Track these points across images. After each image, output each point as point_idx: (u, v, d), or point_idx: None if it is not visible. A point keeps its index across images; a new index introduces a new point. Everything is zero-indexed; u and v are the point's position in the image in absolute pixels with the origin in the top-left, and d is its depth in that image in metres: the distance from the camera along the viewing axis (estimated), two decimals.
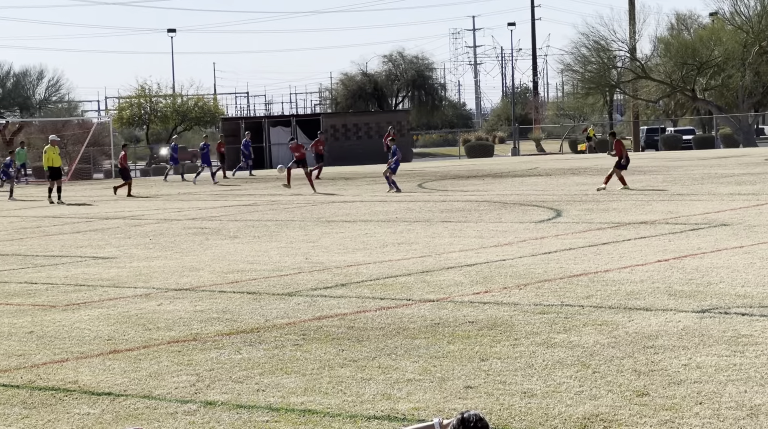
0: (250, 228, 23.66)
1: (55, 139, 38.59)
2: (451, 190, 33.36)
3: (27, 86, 76.16)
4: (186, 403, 8.99)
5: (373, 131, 64.60)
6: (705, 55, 69.63)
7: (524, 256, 16.98)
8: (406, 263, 16.68)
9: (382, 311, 12.68)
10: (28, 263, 18.86)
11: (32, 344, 11.66)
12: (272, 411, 8.67)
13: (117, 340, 11.67)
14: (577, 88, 79.63)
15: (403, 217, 24.72)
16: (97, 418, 8.70)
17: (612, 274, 14.76)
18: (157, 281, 15.92)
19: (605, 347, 10.37)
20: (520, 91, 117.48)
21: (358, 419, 8.36)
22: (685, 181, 32.52)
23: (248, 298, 13.99)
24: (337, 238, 20.74)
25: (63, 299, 14.56)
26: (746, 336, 10.63)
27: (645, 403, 8.45)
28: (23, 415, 8.87)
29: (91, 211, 31.11)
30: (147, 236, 22.88)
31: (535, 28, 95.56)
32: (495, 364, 9.88)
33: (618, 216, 22.70)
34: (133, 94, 73.57)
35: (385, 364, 10.06)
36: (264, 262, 17.51)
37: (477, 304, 12.86)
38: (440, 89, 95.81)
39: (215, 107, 77.62)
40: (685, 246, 17.36)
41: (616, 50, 73.15)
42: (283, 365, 10.18)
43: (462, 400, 8.73)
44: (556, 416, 8.21)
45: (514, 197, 29.09)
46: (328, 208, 28.35)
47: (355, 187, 36.72)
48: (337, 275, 15.70)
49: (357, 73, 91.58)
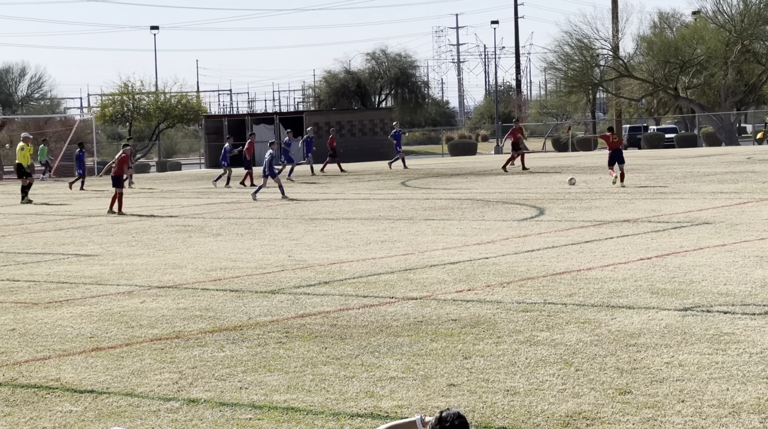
0: (233, 225, 23.62)
1: (27, 136, 38.15)
2: (434, 188, 33.38)
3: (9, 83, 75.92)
4: (169, 401, 8.98)
5: (357, 129, 64.57)
6: (687, 53, 69.81)
7: (507, 254, 17.01)
8: (389, 261, 16.68)
9: (365, 309, 12.68)
10: (10, 260, 18.79)
11: (14, 342, 11.63)
12: (255, 409, 8.67)
13: (99, 338, 11.64)
14: (560, 87, 79.69)
15: (386, 214, 24.72)
16: (80, 416, 8.67)
17: (595, 272, 14.80)
18: (139, 279, 15.89)
19: (588, 345, 10.39)
20: (503, 89, 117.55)
21: (341, 417, 8.36)
22: (667, 179, 32.61)
23: (231, 296, 13.97)
24: (320, 236, 20.73)
25: (45, 296, 14.51)
26: (728, 334, 10.67)
27: (627, 401, 8.47)
28: (5, 413, 8.84)
29: (73, 209, 31.01)
30: (130, 234, 22.82)
31: (518, 26, 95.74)
32: (478, 362, 9.89)
33: (601, 214, 22.76)
34: (116, 91, 73.34)
35: (368, 362, 10.07)
36: (247, 260, 17.48)
37: (460, 302, 12.87)
38: (423, 87, 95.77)
39: (198, 105, 77.35)
40: (667, 244, 17.41)
41: (599, 48, 73.29)
42: (266, 363, 10.17)
43: (445, 398, 8.74)
44: (539, 414, 8.23)
45: (497, 195, 29.13)
46: (311, 205, 28.33)
47: (338, 185, 36.70)
48: (320, 273, 15.70)
49: (340, 71, 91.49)
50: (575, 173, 37.61)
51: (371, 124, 65.40)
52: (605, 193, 28.46)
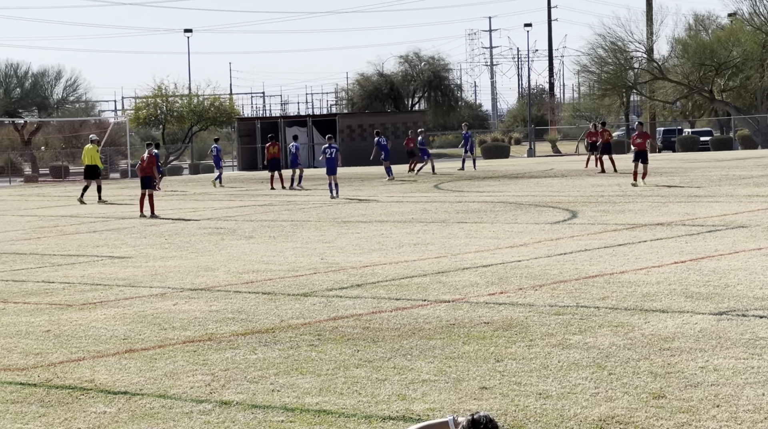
0: (265, 228, 23.68)
1: (94, 137, 38.55)
2: (466, 191, 33.32)
3: (45, 86, 76.40)
4: (201, 403, 9.00)
5: (389, 132, 64.56)
6: (723, 55, 69.37)
7: (540, 257, 16.95)
8: (422, 264, 16.66)
9: (398, 312, 12.67)
10: (45, 262, 18.91)
11: (49, 343, 11.70)
12: (287, 411, 8.68)
13: (133, 340, 11.69)
14: (594, 89, 79.36)
15: (419, 217, 24.70)
16: (113, 417, 8.71)
17: (628, 275, 14.72)
18: (172, 281, 15.95)
19: (621, 349, 10.33)
20: (536, 92, 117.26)
21: (373, 420, 8.35)
22: (702, 182, 32.42)
23: (263, 299, 14.00)
24: (352, 239, 20.74)
25: (79, 298, 14.59)
26: (764, 338, 10.58)
27: (661, 406, 8.42)
28: (40, 414, 8.90)
29: (107, 211, 31.18)
30: (163, 236, 22.92)
31: (551, 29, 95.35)
32: (510, 365, 9.86)
33: (634, 217, 22.64)
34: (149, 93, 73.72)
35: (400, 365, 10.05)
36: (279, 263, 17.51)
37: (492, 305, 12.84)
38: (456, 90, 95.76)
39: (231, 107, 77.63)
40: (702, 248, 17.29)
41: (633, 51, 72.96)
42: (298, 365, 10.18)
43: (477, 401, 8.72)
44: (572, 418, 8.19)
45: (530, 198, 29.04)
46: (343, 208, 28.35)
47: (371, 188, 36.71)
48: (353, 276, 15.70)
49: (373, 74, 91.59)
50: (608, 177, 37.46)
51: (404, 126, 65.34)
52: (638, 196, 28.32)
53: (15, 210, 33.46)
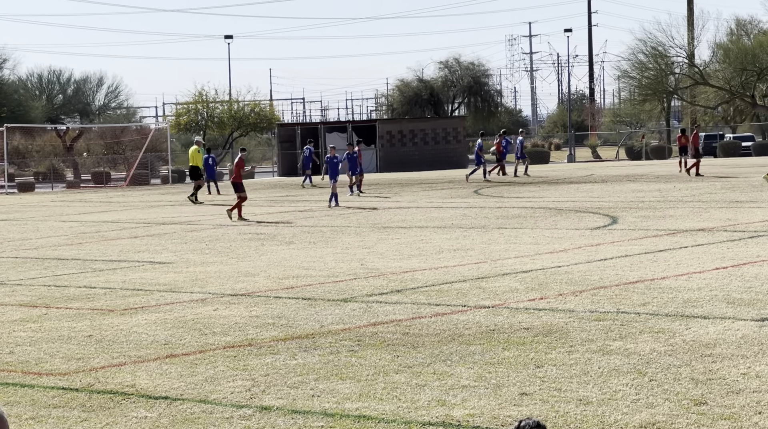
0: (305, 234, 23.73)
1: (199, 140, 41.01)
2: (506, 197, 33.26)
3: (87, 93, 76.91)
4: (241, 408, 9.04)
5: (429, 137, 64.55)
6: (765, 60, 68.77)
7: (580, 262, 16.89)
8: (462, 269, 16.65)
9: (438, 317, 12.67)
10: (87, 268, 19.06)
11: (91, 348, 11.78)
12: (327, 416, 8.69)
13: (174, 345, 11.75)
14: (634, 95, 78.91)
15: (459, 223, 24.68)
16: (154, 422, 8.76)
17: (669, 281, 14.63)
18: (213, 286, 16.02)
19: (662, 355, 10.28)
20: (577, 97, 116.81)
21: (413, 425, 8.35)
22: (744, 188, 32.16)
23: (303, 304, 14.03)
24: (392, 244, 20.75)
25: (121, 303, 14.69)
26: None
27: (703, 412, 8.36)
28: (82, 418, 8.97)
29: (148, 217, 31.38)
30: (203, 242, 23.03)
31: (591, 34, 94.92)
32: (550, 371, 9.83)
33: (675, 223, 22.50)
34: (190, 99, 74.07)
35: (440, 371, 10.05)
36: (319, 268, 17.55)
37: (532, 311, 12.80)
38: (496, 96, 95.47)
39: (271, 113, 77.92)
40: (743, 253, 17.16)
41: (673, 56, 72.47)
42: (338, 371, 10.20)
43: (517, 407, 8.70)
44: (612, 424, 8.15)
45: (570, 204, 28.94)
46: (383, 214, 28.36)
47: (411, 194, 36.71)
48: (393, 281, 15.71)
49: (413, 80, 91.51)
50: (648, 182, 37.26)
51: (444, 132, 65.33)
52: (679, 201, 28.15)
53: (57, 216, 33.74)
